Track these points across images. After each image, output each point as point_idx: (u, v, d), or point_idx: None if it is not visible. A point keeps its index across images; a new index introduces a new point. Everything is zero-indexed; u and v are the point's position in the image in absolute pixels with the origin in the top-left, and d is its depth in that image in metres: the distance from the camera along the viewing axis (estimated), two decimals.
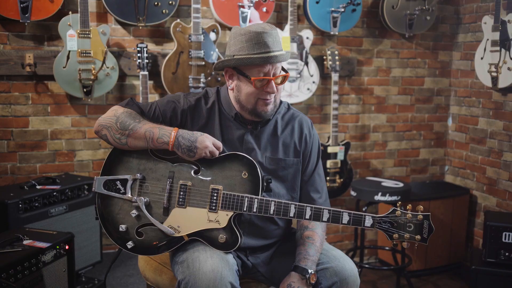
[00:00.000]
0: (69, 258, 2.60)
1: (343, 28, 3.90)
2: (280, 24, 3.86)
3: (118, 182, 2.05)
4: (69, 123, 3.52)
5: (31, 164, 3.46)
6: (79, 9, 3.27)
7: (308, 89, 3.87)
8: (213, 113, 2.16)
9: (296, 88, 3.82)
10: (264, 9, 3.70)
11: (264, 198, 1.97)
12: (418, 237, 1.93)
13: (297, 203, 1.96)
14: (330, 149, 3.93)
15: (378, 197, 3.57)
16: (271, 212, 1.96)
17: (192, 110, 2.14)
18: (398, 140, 4.38)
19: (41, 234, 2.55)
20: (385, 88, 4.28)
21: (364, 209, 3.66)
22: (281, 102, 2.28)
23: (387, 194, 3.56)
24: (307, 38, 3.83)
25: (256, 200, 1.96)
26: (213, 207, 1.98)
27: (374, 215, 1.94)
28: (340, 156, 3.97)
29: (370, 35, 4.15)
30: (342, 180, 3.97)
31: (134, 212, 2.02)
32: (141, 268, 2.29)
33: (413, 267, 4.00)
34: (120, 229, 2.02)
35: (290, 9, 3.73)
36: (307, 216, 1.96)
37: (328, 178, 3.94)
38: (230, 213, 1.98)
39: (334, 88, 3.88)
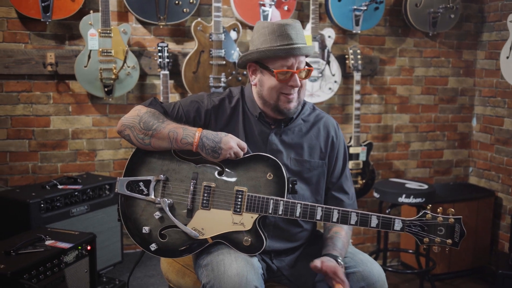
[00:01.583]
0: (91, 259, 2.57)
1: (365, 27, 3.84)
2: (301, 22, 3.78)
3: (141, 183, 2.02)
4: (90, 123, 3.51)
5: (52, 163, 3.45)
6: (100, 8, 3.25)
7: (330, 88, 3.82)
8: (237, 112, 2.12)
9: (318, 87, 3.77)
10: (286, 8, 3.65)
11: (290, 200, 1.93)
12: (449, 241, 1.87)
13: (324, 206, 1.91)
14: (352, 150, 3.87)
15: (402, 199, 3.51)
16: (297, 214, 1.92)
17: (216, 110, 2.10)
18: (421, 140, 4.30)
19: (63, 234, 2.53)
20: (408, 87, 4.20)
21: (387, 211, 3.59)
22: (305, 102, 2.23)
23: (411, 196, 3.49)
24: (329, 36, 3.78)
25: (281, 202, 1.92)
26: (238, 209, 1.94)
27: (404, 218, 1.89)
28: (362, 157, 3.91)
29: (392, 33, 4.08)
30: (364, 181, 3.91)
31: (157, 214, 1.99)
32: (164, 270, 2.26)
33: (436, 271, 3.92)
34: (143, 231, 1.99)
35: (311, 7, 3.68)
36: (334, 219, 1.91)
37: None
38: (255, 216, 1.94)
39: (356, 87, 3.82)
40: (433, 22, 3.95)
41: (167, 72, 3.40)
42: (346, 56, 3.88)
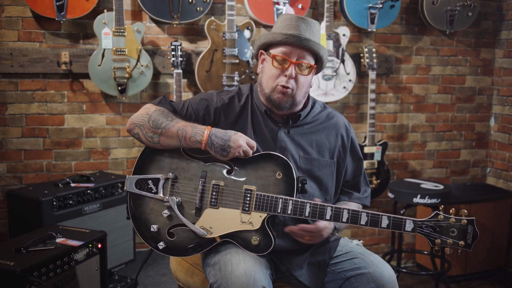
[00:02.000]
0: (102, 257, 2.58)
1: (381, 25, 3.79)
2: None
3: (150, 181, 2.01)
4: (104, 121, 3.52)
5: (66, 161, 3.47)
6: (114, 7, 3.26)
7: (344, 87, 3.78)
8: (246, 109, 2.11)
9: (332, 86, 3.74)
10: (300, 6, 3.62)
11: (299, 200, 1.91)
12: (461, 242, 1.83)
13: (334, 206, 1.89)
14: (366, 149, 3.83)
15: (417, 199, 3.45)
16: (306, 214, 1.90)
17: (226, 108, 2.09)
18: (437, 140, 4.24)
19: (74, 232, 2.54)
20: (425, 86, 4.14)
21: (402, 212, 3.55)
22: (316, 101, 2.22)
23: (427, 197, 3.44)
24: (344, 35, 3.74)
25: (290, 201, 1.90)
26: (246, 208, 1.93)
27: (415, 219, 1.85)
28: (377, 157, 3.86)
29: (409, 31, 4.03)
30: (378, 181, 3.87)
31: (166, 212, 1.98)
32: (173, 269, 2.26)
33: (452, 272, 3.86)
34: (152, 229, 1.99)
35: (326, 5, 3.64)
36: (344, 219, 1.88)
37: None
38: (264, 215, 1.92)
39: (371, 86, 3.78)
40: (450, 20, 3.89)
41: (180, 71, 3.40)
42: (361, 55, 3.84)
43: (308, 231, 1.95)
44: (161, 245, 1.98)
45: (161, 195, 1.99)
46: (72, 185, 3.02)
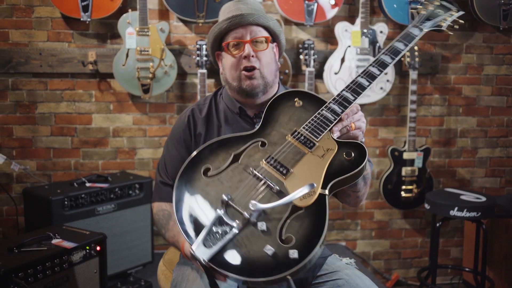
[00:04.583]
0: (101, 260, 2.54)
1: None
2: (352, 17, 3.56)
3: (214, 227, 1.51)
4: (131, 121, 3.52)
5: (94, 160, 3.50)
6: (138, 7, 3.23)
7: (382, 88, 3.52)
8: (212, 116, 1.97)
9: None
10: (332, 1, 3.41)
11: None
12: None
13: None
14: (406, 155, 3.56)
15: (454, 212, 3.14)
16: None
17: (188, 126, 1.96)
18: (491, 147, 3.86)
19: (74, 233, 2.52)
20: (476, 87, 3.78)
21: (438, 225, 3.25)
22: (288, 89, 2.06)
23: (465, 210, 3.12)
24: (381, 32, 3.49)
25: (331, 104, 1.72)
26: (310, 145, 1.64)
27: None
28: (418, 163, 3.58)
29: (458, 28, 3.68)
30: (419, 190, 3.59)
31: (262, 225, 1.50)
32: (159, 277, 2.17)
33: None
34: (268, 251, 1.45)
35: (361, 0, 3.41)
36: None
37: (403, 187, 3.58)
38: (326, 129, 1.66)
39: (412, 87, 3.50)
40: (504, 15, 3.52)
41: (204, 70, 3.31)
42: None
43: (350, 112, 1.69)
44: (292, 253, 1.43)
45: (238, 222, 1.51)
46: (87, 185, 3.02)
